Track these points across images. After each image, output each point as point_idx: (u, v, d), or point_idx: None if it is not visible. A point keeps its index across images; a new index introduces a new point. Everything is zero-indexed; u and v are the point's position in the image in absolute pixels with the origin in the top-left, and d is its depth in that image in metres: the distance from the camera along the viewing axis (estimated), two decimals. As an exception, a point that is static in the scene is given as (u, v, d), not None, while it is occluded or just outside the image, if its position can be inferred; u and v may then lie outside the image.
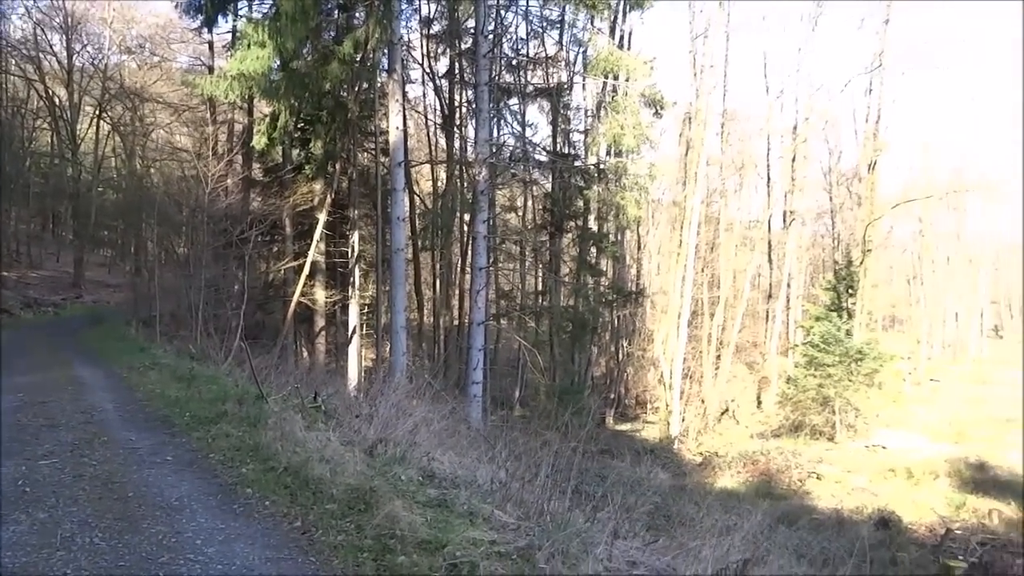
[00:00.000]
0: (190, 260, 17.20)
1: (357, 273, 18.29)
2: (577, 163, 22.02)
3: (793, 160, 30.06)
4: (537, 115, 25.33)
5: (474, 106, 18.49)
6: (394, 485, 4.73)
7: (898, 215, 36.53)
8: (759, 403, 27.66)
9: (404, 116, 16.83)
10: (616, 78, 20.32)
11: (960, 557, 11.05)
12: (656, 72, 20.33)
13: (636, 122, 19.60)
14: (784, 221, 32.45)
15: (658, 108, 20.40)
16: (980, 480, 16.32)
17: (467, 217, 20.23)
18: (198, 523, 4.25)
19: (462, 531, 3.83)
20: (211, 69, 21.07)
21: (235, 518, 4.35)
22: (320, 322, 18.77)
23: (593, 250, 22.97)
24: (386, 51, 15.80)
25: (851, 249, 29.34)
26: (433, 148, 24.65)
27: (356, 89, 17.38)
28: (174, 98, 31.45)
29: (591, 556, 3.48)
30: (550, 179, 22.82)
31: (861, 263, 27.36)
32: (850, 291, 25.99)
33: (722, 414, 25.49)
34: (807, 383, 21.60)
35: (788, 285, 30.55)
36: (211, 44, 22.33)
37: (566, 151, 22.74)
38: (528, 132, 23.06)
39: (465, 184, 20.49)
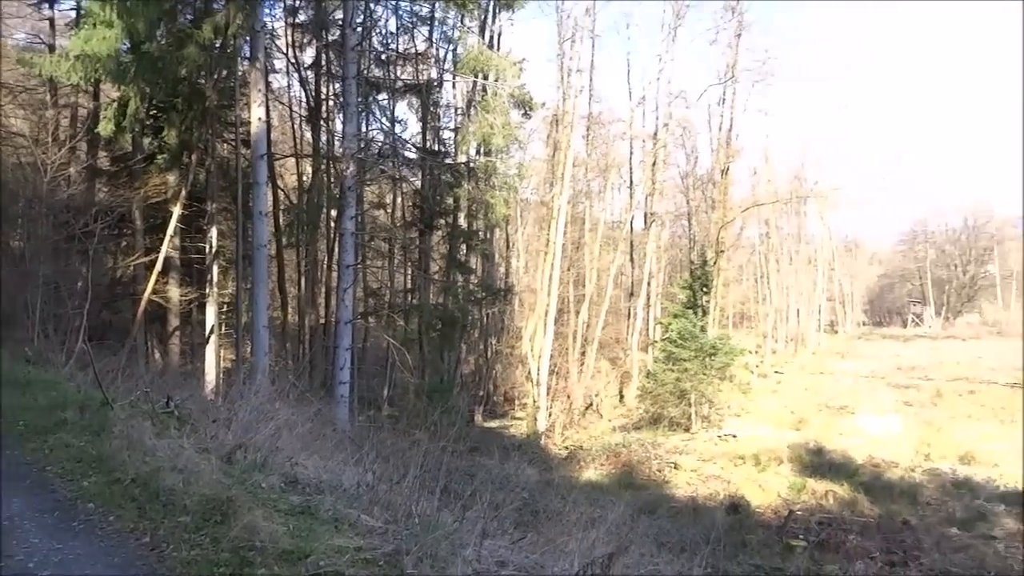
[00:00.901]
0: (26, 255, 15.76)
1: (215, 270, 17.39)
2: (447, 161, 21.99)
3: (654, 164, 31.34)
4: (407, 111, 24.99)
5: (342, 100, 18.05)
6: (254, 493, 4.52)
7: (748, 218, 38.98)
8: (621, 397, 28.69)
9: (267, 107, 16.20)
10: (486, 77, 20.43)
11: (801, 536, 11.92)
12: (526, 73, 20.62)
13: (506, 122, 19.78)
14: (645, 222, 33.78)
15: (527, 109, 20.68)
16: (818, 464, 17.62)
17: (334, 213, 19.73)
18: (31, 544, 3.87)
19: (327, 539, 3.71)
20: (52, 48, 19.41)
21: (74, 536, 4.01)
22: (174, 322, 17.72)
23: (463, 248, 23.02)
24: (248, 38, 15.11)
25: (706, 250, 30.94)
26: (298, 141, 23.81)
27: (215, 77, 16.51)
28: (9, 78, 28.72)
29: (460, 558, 3.47)
30: (420, 176, 22.65)
31: (715, 263, 28.96)
32: (705, 289, 27.41)
33: (587, 408, 26.25)
34: (665, 377, 22.58)
35: (648, 283, 31.83)
36: (52, 21, 20.56)
37: (436, 148, 22.66)
38: (398, 128, 22.76)
39: (332, 179, 19.97)
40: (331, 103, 21.92)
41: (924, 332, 68.64)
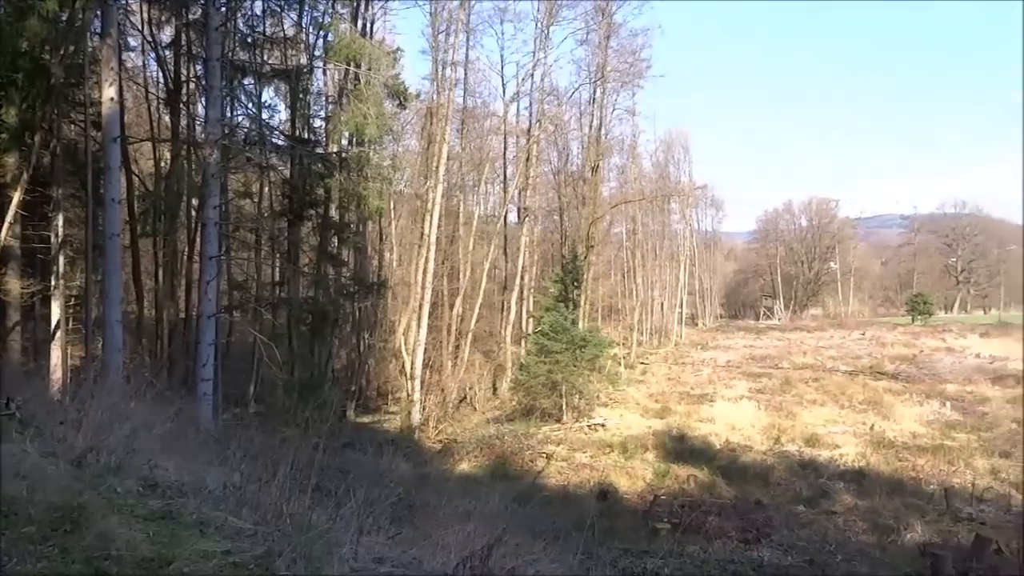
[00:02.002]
0: None
1: (62, 260, 16.09)
2: (318, 150, 21.35)
3: (527, 160, 31.80)
4: (275, 98, 24.05)
5: (204, 82, 17.14)
6: (108, 499, 4.21)
7: (616, 214, 40.30)
8: (495, 389, 28.96)
9: (121, 87, 15.11)
10: (359, 66, 19.99)
11: (665, 519, 12.46)
12: (401, 64, 20.39)
13: (379, 112, 19.46)
14: (519, 217, 34.27)
15: (401, 100, 20.46)
16: (680, 450, 18.49)
17: (195, 202, 18.73)
18: None
19: (191, 544, 3.51)
20: None
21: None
22: (14, 316, 16.23)
23: (335, 240, 22.46)
24: (99, 12, 14.05)
25: (577, 245, 31.77)
26: (156, 124, 22.37)
27: (62, 52, 15.23)
28: None
29: (336, 557, 3.38)
30: (289, 165, 21.87)
31: (585, 258, 29.80)
32: (575, 283, 28.13)
33: (461, 401, 26.32)
34: (538, 369, 22.98)
35: (522, 277, 32.27)
36: None
37: (306, 137, 21.94)
38: (265, 115, 21.83)
39: (193, 166, 18.95)
40: (192, 86, 20.77)
41: (775, 324, 73.60)
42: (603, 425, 21.81)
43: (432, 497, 9.65)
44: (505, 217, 34.45)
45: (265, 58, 21.89)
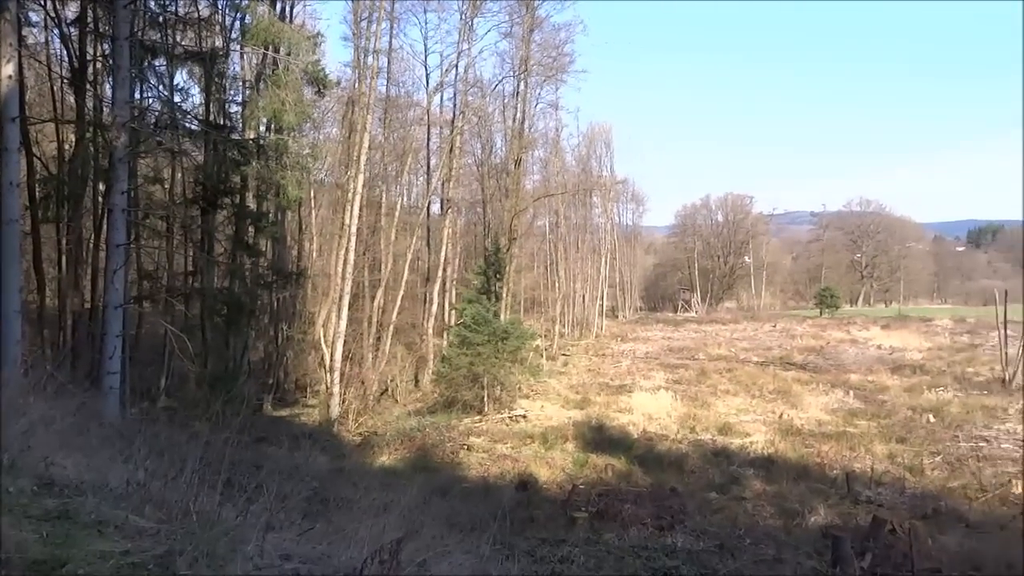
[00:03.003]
0: None
1: (-47, 247, 15.12)
2: (234, 136, 20.69)
3: (451, 151, 31.65)
4: (189, 81, 23.18)
5: (112, 62, 16.34)
6: (-1, 499, 3.99)
7: (539, 207, 40.57)
8: (417, 382, 28.82)
9: (20, 64, 14.28)
10: (277, 51, 19.48)
11: (583, 508, 12.65)
12: (321, 50, 19.95)
13: (298, 99, 19.02)
14: (442, 208, 34.09)
15: (321, 87, 20.03)
16: (599, 440, 18.81)
17: (102, 187, 17.89)
18: None
19: (87, 544, 3.35)
20: None
21: None
22: (-102, 306, 15.20)
23: (251, 229, 21.85)
24: (-6, -17, 13.20)
25: (499, 237, 31.84)
26: (60, 105, 21.23)
27: (-49, 24, 14.28)
28: None
29: (240, 554, 3.29)
30: (203, 151, 21.13)
31: (507, 250, 29.90)
32: (498, 275, 28.19)
33: (382, 394, 26.08)
34: (460, 361, 22.97)
35: (444, 269, 32.14)
36: None
37: (221, 122, 21.19)
38: (178, 98, 21.00)
39: (100, 150, 18.08)
40: (99, 65, 19.79)
41: (692, 316, 75.58)
42: (524, 416, 21.99)
43: (349, 491, 9.53)
44: (428, 208, 34.25)
45: (178, 39, 21.03)
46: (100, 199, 18.90)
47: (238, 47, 21.46)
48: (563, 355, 39.23)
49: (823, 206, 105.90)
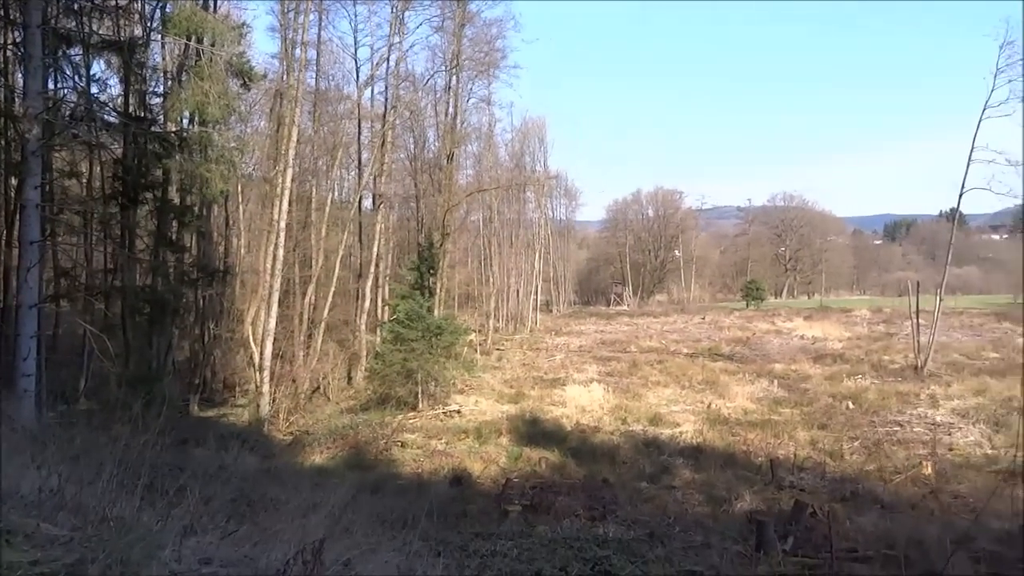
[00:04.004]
0: None
1: None
2: (155, 128, 20.00)
3: (382, 145, 31.32)
4: (107, 71, 22.32)
5: (23, 51, 15.57)
6: None
7: (472, 202, 40.53)
8: (350, 379, 28.47)
9: (-81, 51, 13.51)
10: (200, 41, 18.89)
11: (516, 501, 12.73)
12: (248, 41, 19.45)
13: (222, 91, 18.48)
14: (374, 203, 33.73)
15: (246, 79, 19.54)
16: (533, 433, 18.93)
17: (14, 182, 17.06)
18: None
19: (-6, 555, 3.21)
20: None
21: None
22: None
23: (175, 225, 21.20)
24: None
25: (433, 232, 31.69)
26: (-36, 95, 20.16)
27: None
28: None
29: (156, 560, 3.20)
30: (122, 144, 20.36)
31: (441, 245, 29.79)
32: (431, 271, 28.07)
33: (313, 392, 25.68)
34: (393, 358, 22.79)
35: (377, 265, 31.84)
36: None
37: (142, 115, 20.47)
38: (95, 89, 20.20)
39: (12, 142, 17.25)
40: (9, 53, 18.85)
41: (624, 310, 76.78)
42: (459, 412, 21.97)
43: (278, 491, 9.34)
44: (360, 203, 33.83)
45: (95, 27, 20.21)
46: (12, 194, 18.04)
47: (159, 37, 20.76)
48: (497, 350, 39.32)
49: (749, 201, 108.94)
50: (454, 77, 32.23)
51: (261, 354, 22.18)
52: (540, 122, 59.99)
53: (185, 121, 20.35)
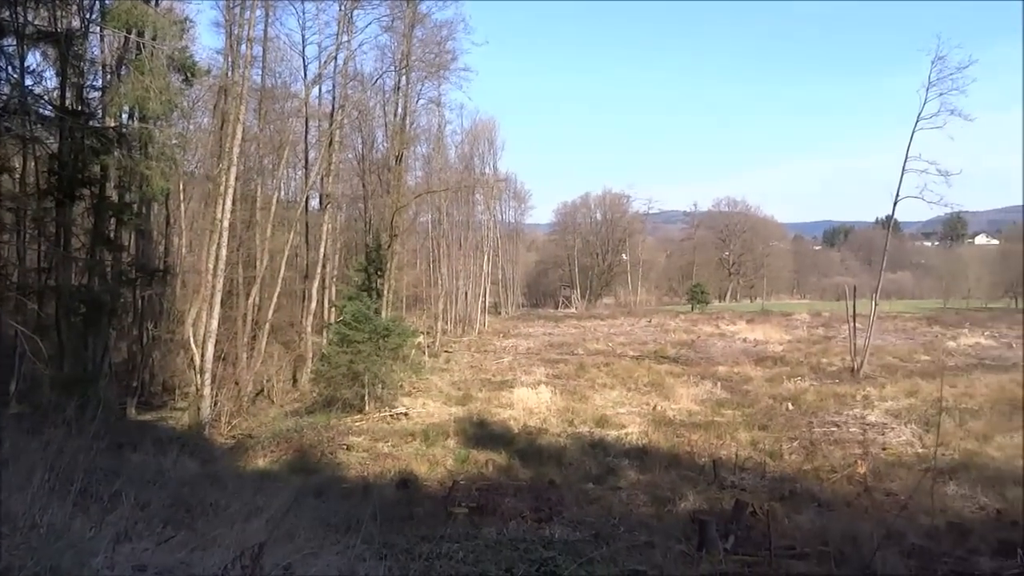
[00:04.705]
0: None
1: None
2: (93, 123, 19.39)
3: (330, 144, 30.96)
4: (44, 63, 21.55)
5: (-51, 39, 14.98)
6: None
7: (421, 203, 40.34)
8: (295, 381, 28.05)
9: None
10: (141, 35, 18.40)
11: (463, 503, 12.71)
12: (191, 35, 19.04)
13: (164, 86, 18.04)
14: (321, 203, 33.30)
15: (189, 75, 19.12)
16: (481, 436, 18.93)
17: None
18: None
19: (-87, 566, 3.08)
20: None
21: None
22: None
23: (113, 222, 20.58)
24: None
25: (381, 233, 31.44)
26: None
27: None
28: None
29: (87, 568, 3.10)
30: (58, 139, 19.68)
31: (389, 247, 29.57)
32: (379, 272, 27.86)
33: (257, 395, 25.23)
34: (339, 360, 22.53)
35: (324, 265, 31.46)
36: None
37: (79, 108, 19.84)
38: (29, 81, 19.44)
39: (-63, 135, 16.54)
40: (-65, 42, 18.07)
41: (572, 312, 77.32)
42: (406, 414, 21.84)
43: (218, 496, 9.13)
44: (307, 203, 33.38)
45: (30, 17, 19.50)
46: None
47: (98, 29, 20.13)
48: (446, 352, 39.20)
49: (694, 206, 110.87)
50: (403, 77, 32.06)
51: (202, 356, 21.68)
52: (490, 124, 60.12)
53: (125, 116, 19.82)
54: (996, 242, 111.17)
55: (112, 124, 19.34)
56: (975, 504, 12.68)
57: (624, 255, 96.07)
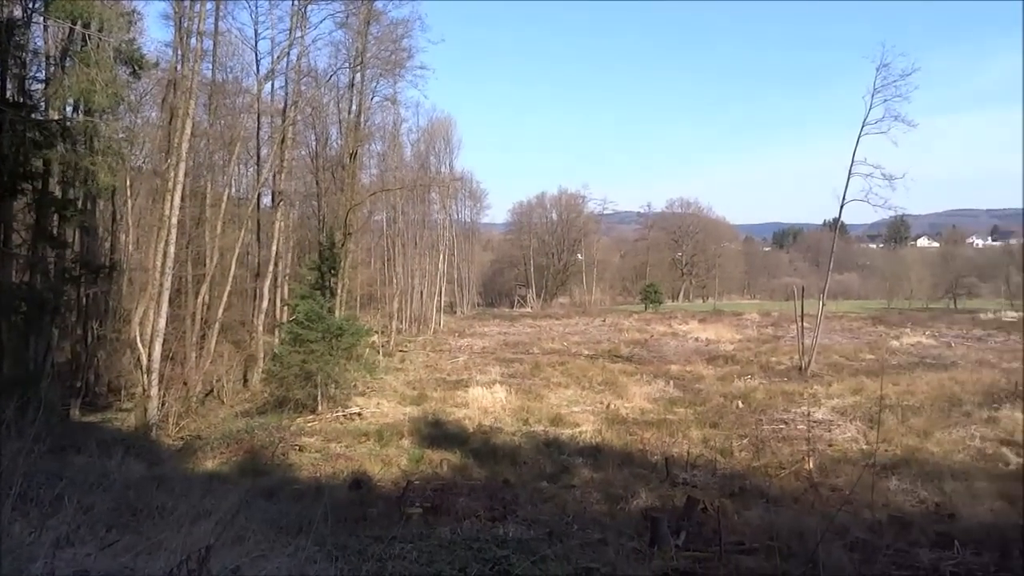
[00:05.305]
0: None
1: None
2: (35, 116, 18.80)
3: (283, 141, 30.52)
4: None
5: None
6: None
7: (376, 202, 40.03)
8: (246, 381, 27.59)
9: None
10: (87, 26, 17.91)
11: (417, 504, 12.65)
12: (139, 27, 18.59)
13: (111, 79, 17.60)
14: (273, 201, 32.78)
15: (136, 67, 18.67)
16: (435, 435, 18.86)
17: None
18: None
19: None
20: None
21: None
22: None
23: (55, 219, 19.98)
24: None
25: (335, 231, 31.08)
26: None
27: None
28: None
29: (26, 574, 3.01)
30: (-3, 131, 19.04)
31: (343, 245, 29.26)
32: (333, 271, 27.55)
33: (207, 395, 24.75)
34: (292, 359, 22.23)
35: (276, 264, 30.98)
36: None
37: (20, 100, 19.21)
38: (-34, 71, 18.83)
39: None
40: None
41: (527, 312, 77.61)
42: (360, 414, 21.64)
43: (165, 499, 8.92)
44: (259, 200, 32.82)
45: (-33, 5, 18.83)
46: None
47: (41, 19, 19.51)
48: (400, 351, 38.98)
49: (648, 206, 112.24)
50: (358, 74, 31.73)
51: (149, 356, 21.16)
52: (446, 123, 59.95)
53: (69, 109, 19.28)
54: (937, 244, 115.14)
55: (56, 117, 18.81)
56: (916, 498, 13.07)
57: (579, 255, 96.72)
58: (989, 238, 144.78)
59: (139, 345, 21.47)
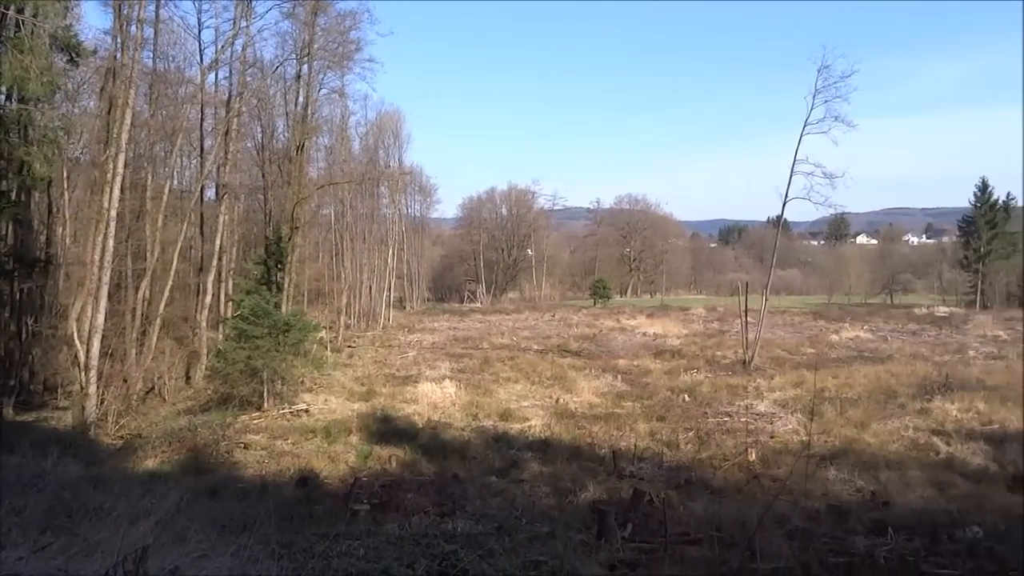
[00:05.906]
0: None
1: None
2: (-37, 103, 18.09)
3: (227, 133, 29.88)
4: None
5: None
6: None
7: (324, 195, 39.52)
8: (188, 378, 27.01)
9: None
10: (21, 11, 17.24)
11: (365, 500, 12.56)
12: (76, 14, 17.99)
13: (46, 66, 16.98)
14: (217, 194, 32.09)
15: (74, 55, 18.05)
16: (384, 431, 18.75)
17: None
18: None
19: None
20: None
21: None
22: None
23: (-14, 211, 19.25)
24: None
25: (281, 225, 30.59)
26: None
27: None
28: None
29: (-48, 578, 2.91)
30: (-78, 119, 18.25)
31: (290, 239, 28.81)
32: (279, 265, 27.13)
33: (148, 393, 24.15)
34: (236, 355, 21.84)
35: (220, 258, 30.35)
36: None
37: (-53, 87, 18.47)
38: None
39: None
40: None
41: (477, 307, 77.55)
42: (307, 411, 21.38)
43: (102, 499, 8.66)
44: (202, 193, 32.04)
45: None
46: None
47: (-31, 2, 18.72)
48: (349, 347, 38.58)
49: (597, 203, 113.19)
50: (305, 66, 31.21)
51: (87, 352, 20.52)
52: (396, 116, 59.45)
53: (2, 97, 18.53)
54: (875, 242, 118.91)
55: (-14, 105, 18.08)
56: (852, 487, 13.51)
57: (529, 250, 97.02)
58: (924, 236, 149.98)
59: (76, 342, 20.79)
